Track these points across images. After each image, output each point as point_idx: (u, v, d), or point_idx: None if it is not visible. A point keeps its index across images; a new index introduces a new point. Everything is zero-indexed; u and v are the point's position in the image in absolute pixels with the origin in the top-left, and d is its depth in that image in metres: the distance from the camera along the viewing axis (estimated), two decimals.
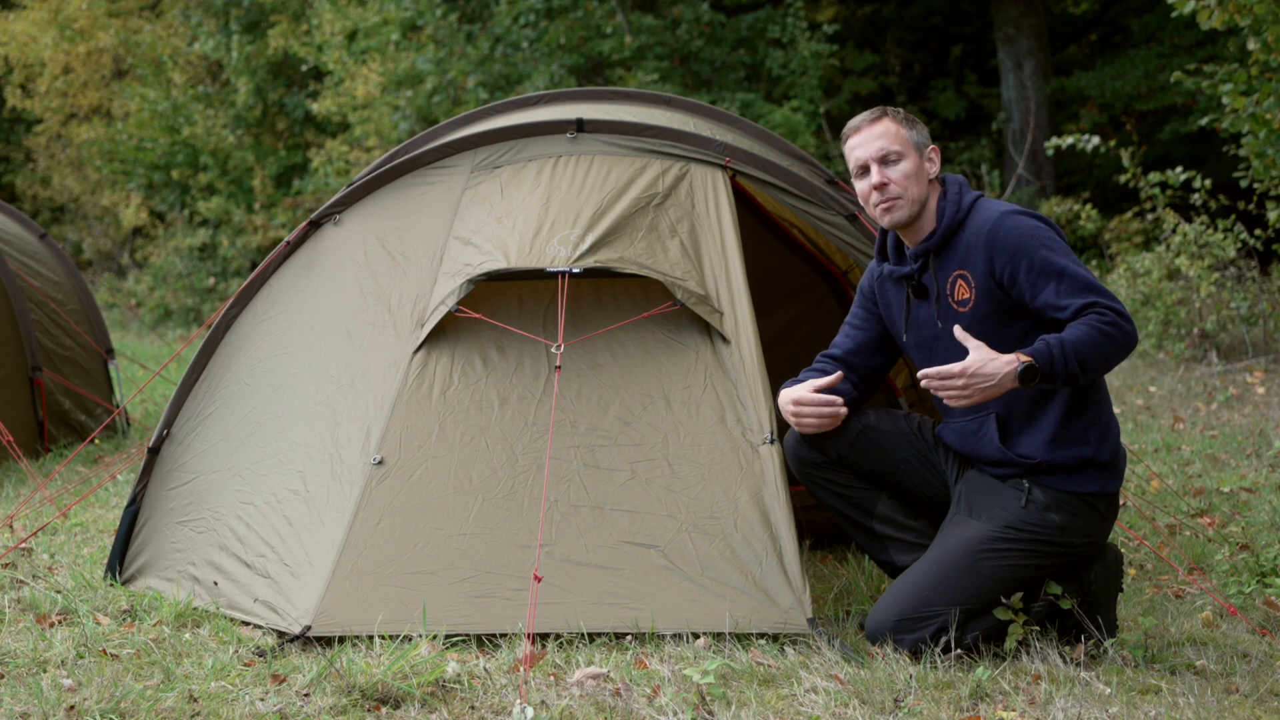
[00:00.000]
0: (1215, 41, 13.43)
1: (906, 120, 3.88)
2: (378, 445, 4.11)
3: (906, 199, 3.82)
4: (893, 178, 3.81)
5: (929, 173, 3.86)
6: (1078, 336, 3.60)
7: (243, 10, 17.72)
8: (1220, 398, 8.55)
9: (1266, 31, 7.66)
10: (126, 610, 4.20)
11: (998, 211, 3.75)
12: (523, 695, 3.33)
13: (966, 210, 3.81)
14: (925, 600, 3.71)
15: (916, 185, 3.83)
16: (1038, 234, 3.70)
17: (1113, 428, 3.80)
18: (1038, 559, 3.73)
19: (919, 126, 3.89)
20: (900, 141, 3.83)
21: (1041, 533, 3.71)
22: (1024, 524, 3.72)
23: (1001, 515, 3.74)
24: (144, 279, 17.90)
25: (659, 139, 4.56)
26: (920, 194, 3.84)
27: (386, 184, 4.69)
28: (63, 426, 7.57)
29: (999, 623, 3.72)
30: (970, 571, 3.70)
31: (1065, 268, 3.66)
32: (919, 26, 17.13)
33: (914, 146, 3.85)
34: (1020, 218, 3.73)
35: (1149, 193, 10.12)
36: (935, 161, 3.87)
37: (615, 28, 14.31)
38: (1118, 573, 3.86)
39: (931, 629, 3.69)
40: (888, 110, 3.88)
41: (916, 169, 3.83)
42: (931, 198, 3.86)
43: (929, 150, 3.87)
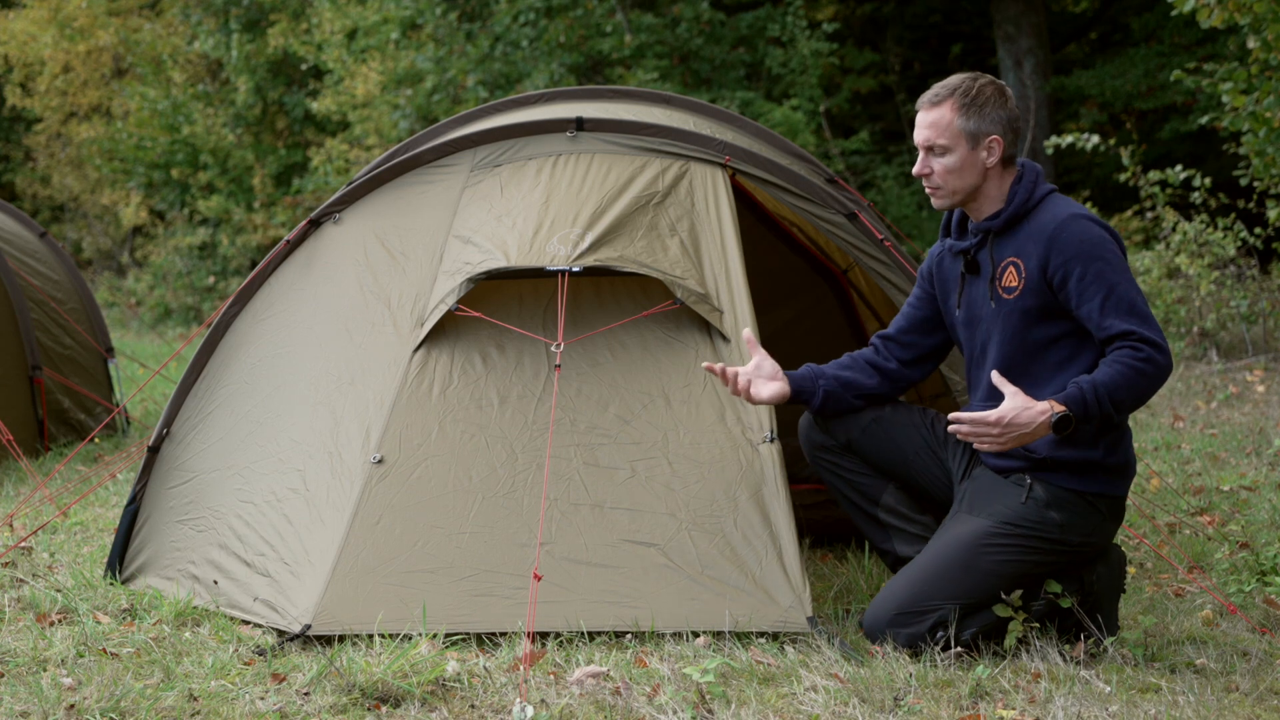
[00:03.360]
0: (1215, 40, 13.42)
1: (971, 105, 3.76)
2: (378, 444, 4.11)
3: (946, 190, 3.81)
4: (935, 168, 3.80)
5: (984, 162, 3.78)
6: (1111, 377, 3.58)
7: (242, 9, 17.71)
8: (1220, 396, 8.55)
9: (1266, 30, 7.66)
10: (126, 609, 4.20)
11: (1068, 212, 3.72)
12: (522, 694, 3.33)
13: (1038, 201, 3.78)
14: (922, 595, 3.71)
15: (960, 178, 3.79)
16: (1100, 244, 3.67)
17: (1126, 434, 3.78)
18: (1036, 555, 3.72)
19: (988, 111, 3.77)
20: (950, 134, 3.76)
21: (1040, 529, 3.71)
22: (1023, 520, 3.72)
23: (1001, 511, 3.74)
24: (144, 278, 17.90)
25: (659, 138, 4.56)
26: (966, 185, 3.80)
27: (386, 182, 4.69)
28: (62, 425, 7.57)
29: (997, 619, 3.72)
30: (968, 567, 3.70)
31: (1116, 285, 3.63)
32: (919, 25, 17.12)
33: (967, 137, 3.76)
34: (1088, 224, 3.69)
35: (1149, 191, 10.12)
36: (995, 152, 3.77)
37: (615, 26, 14.31)
38: (1120, 573, 3.86)
39: (929, 624, 3.69)
40: (956, 92, 3.78)
41: (962, 163, 3.77)
42: (992, 182, 3.80)
43: (988, 140, 3.76)
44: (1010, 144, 3.80)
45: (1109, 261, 3.66)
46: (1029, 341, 3.77)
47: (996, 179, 3.81)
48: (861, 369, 4.03)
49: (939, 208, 3.90)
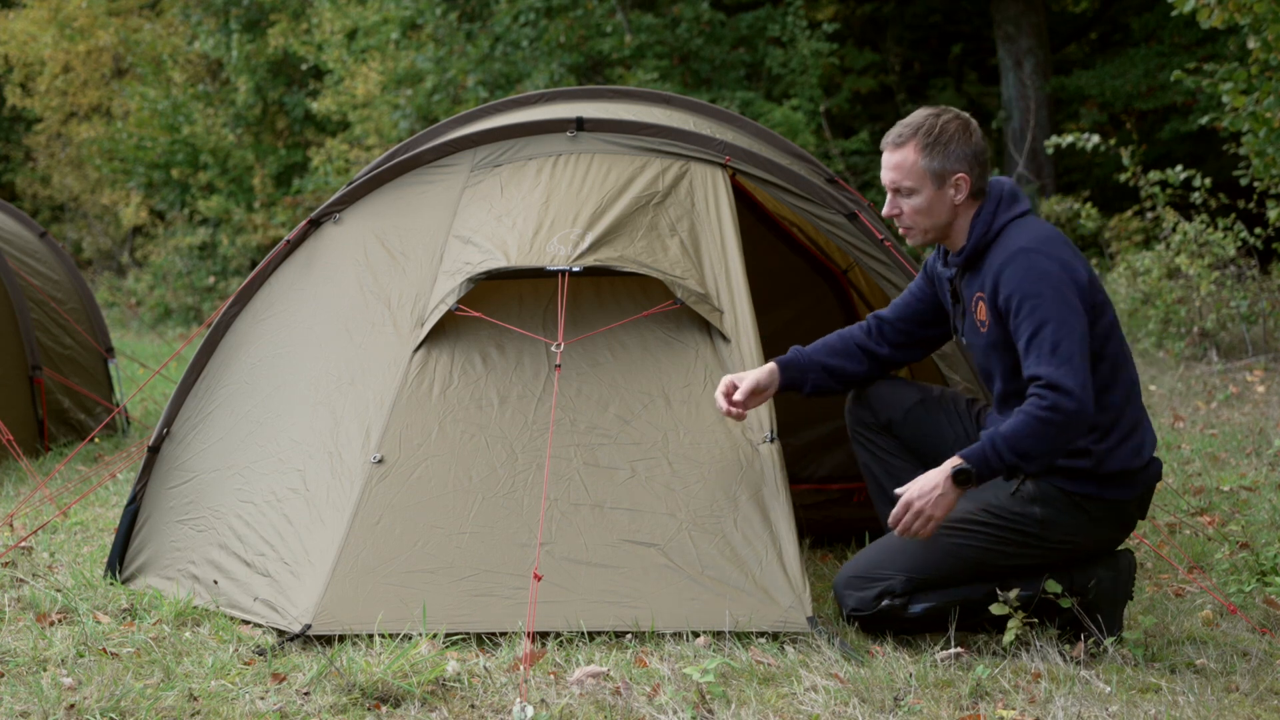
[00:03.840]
0: (1215, 40, 13.42)
1: (934, 145, 3.74)
2: (378, 444, 4.11)
3: (918, 229, 3.81)
4: (904, 209, 3.80)
5: (952, 200, 3.77)
6: (1014, 427, 3.58)
7: (242, 9, 17.71)
8: (1220, 396, 8.55)
9: (1266, 30, 7.65)
10: (126, 609, 4.19)
11: (1018, 245, 3.68)
12: (523, 694, 3.33)
13: (996, 233, 3.76)
14: (876, 563, 3.78)
15: (929, 218, 3.79)
16: (1040, 280, 3.62)
17: (1126, 446, 3.73)
18: (1008, 547, 3.73)
19: (952, 149, 3.74)
20: (915, 176, 3.76)
21: (1017, 522, 3.72)
22: (1002, 509, 3.73)
23: (987, 499, 3.76)
24: (144, 278, 17.89)
25: (659, 138, 4.56)
26: (936, 224, 3.80)
27: (386, 182, 4.69)
28: (62, 425, 7.57)
29: (953, 601, 3.75)
30: (930, 544, 3.73)
31: (1044, 323, 3.59)
32: (919, 25, 17.12)
33: (933, 177, 3.75)
34: (1035, 257, 3.64)
35: (1149, 191, 10.12)
36: (963, 189, 3.76)
37: (615, 26, 14.31)
38: (1127, 579, 3.84)
39: (875, 591, 3.75)
40: (919, 131, 3.76)
41: (930, 203, 3.77)
42: (962, 217, 3.79)
43: (954, 179, 3.75)
44: (978, 178, 3.78)
45: (1044, 298, 3.60)
46: (1017, 377, 3.76)
47: (966, 213, 3.80)
48: (852, 355, 4.04)
49: (914, 245, 3.91)
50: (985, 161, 3.81)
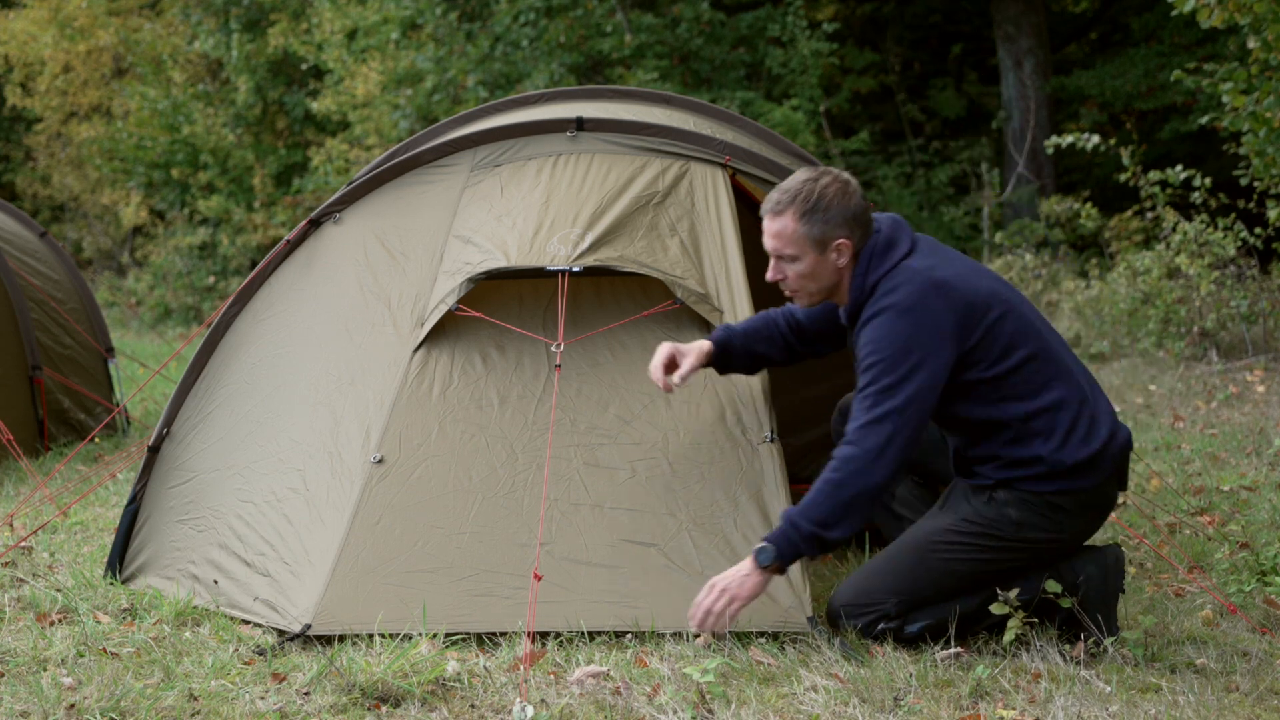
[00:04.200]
0: (1215, 40, 13.42)
1: (812, 212, 3.67)
2: (378, 444, 4.11)
3: (804, 292, 3.78)
4: (788, 274, 3.76)
5: (835, 264, 3.72)
6: (809, 497, 3.60)
7: (242, 9, 17.71)
8: (1220, 396, 8.55)
9: (1266, 30, 7.65)
10: (126, 609, 4.19)
11: (876, 307, 3.64)
12: (523, 694, 3.33)
13: (869, 292, 3.71)
14: (866, 590, 3.78)
15: (814, 281, 3.75)
16: (884, 340, 3.60)
17: (1073, 438, 3.70)
18: (991, 554, 3.74)
19: (831, 214, 3.67)
20: (796, 243, 3.70)
21: (995, 527, 3.73)
22: (980, 518, 3.73)
23: (963, 509, 3.77)
24: (144, 277, 17.89)
25: (659, 137, 4.56)
26: (822, 286, 3.77)
27: (386, 182, 4.69)
28: (62, 425, 7.57)
29: (945, 616, 3.75)
30: (916, 564, 3.75)
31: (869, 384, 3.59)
32: (919, 25, 17.12)
33: (813, 244, 3.69)
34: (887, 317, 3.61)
35: (1149, 191, 10.12)
36: (845, 253, 3.70)
37: (615, 26, 14.31)
38: (1117, 574, 3.84)
39: (869, 619, 3.76)
40: (797, 199, 3.69)
41: (813, 268, 3.72)
42: (848, 276, 3.75)
43: (835, 244, 3.69)
44: (860, 239, 3.72)
45: (884, 361, 3.58)
46: (953, 420, 3.78)
47: (850, 273, 3.76)
48: (775, 344, 4.04)
49: (803, 306, 3.88)
50: (867, 220, 3.73)
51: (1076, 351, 10.68)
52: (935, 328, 3.60)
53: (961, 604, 3.77)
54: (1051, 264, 12.67)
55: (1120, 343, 10.65)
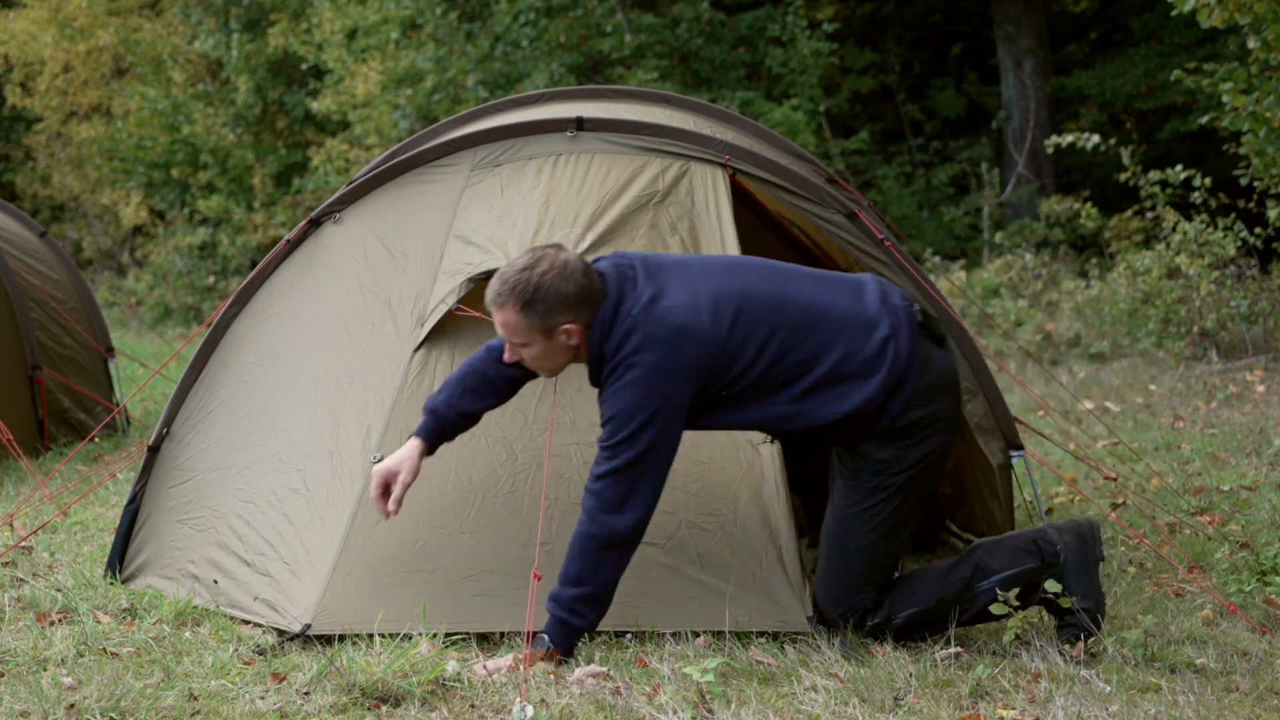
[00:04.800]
0: (1215, 40, 13.41)
1: (531, 304, 3.58)
2: (378, 443, 4.11)
3: (544, 369, 3.74)
4: (524, 356, 3.70)
5: (567, 344, 3.65)
6: (564, 567, 3.61)
7: (242, 9, 17.71)
8: (1220, 396, 8.55)
9: (1266, 30, 7.65)
10: (126, 609, 4.19)
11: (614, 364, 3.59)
12: (522, 693, 3.33)
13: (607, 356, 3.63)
14: (835, 597, 3.80)
15: (550, 360, 3.69)
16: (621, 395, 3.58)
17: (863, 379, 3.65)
18: (900, 494, 3.75)
19: (551, 302, 3.57)
20: (522, 332, 3.63)
21: (880, 474, 3.74)
22: (862, 475, 3.76)
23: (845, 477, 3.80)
24: (144, 277, 17.89)
25: (659, 137, 4.56)
26: (561, 363, 3.72)
27: (387, 182, 4.69)
28: (62, 425, 7.57)
29: (929, 602, 3.78)
30: (853, 550, 3.77)
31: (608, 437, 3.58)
32: (919, 25, 17.12)
33: (539, 331, 3.62)
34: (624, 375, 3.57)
35: (1149, 191, 10.12)
36: (574, 335, 3.62)
37: (615, 26, 14.30)
38: (1094, 542, 3.85)
39: (855, 617, 3.79)
40: (514, 292, 3.59)
41: (545, 352, 3.66)
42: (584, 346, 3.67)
43: (561, 330, 3.61)
44: (589, 313, 3.62)
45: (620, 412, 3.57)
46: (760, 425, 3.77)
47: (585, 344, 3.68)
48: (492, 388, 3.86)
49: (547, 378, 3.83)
50: (593, 294, 3.62)
51: (1076, 352, 10.70)
52: (668, 377, 3.58)
53: (939, 591, 3.79)
54: (1051, 264, 12.66)
55: (1120, 343, 10.65)
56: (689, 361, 3.59)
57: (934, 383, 3.74)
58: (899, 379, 3.67)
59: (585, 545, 3.58)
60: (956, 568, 3.83)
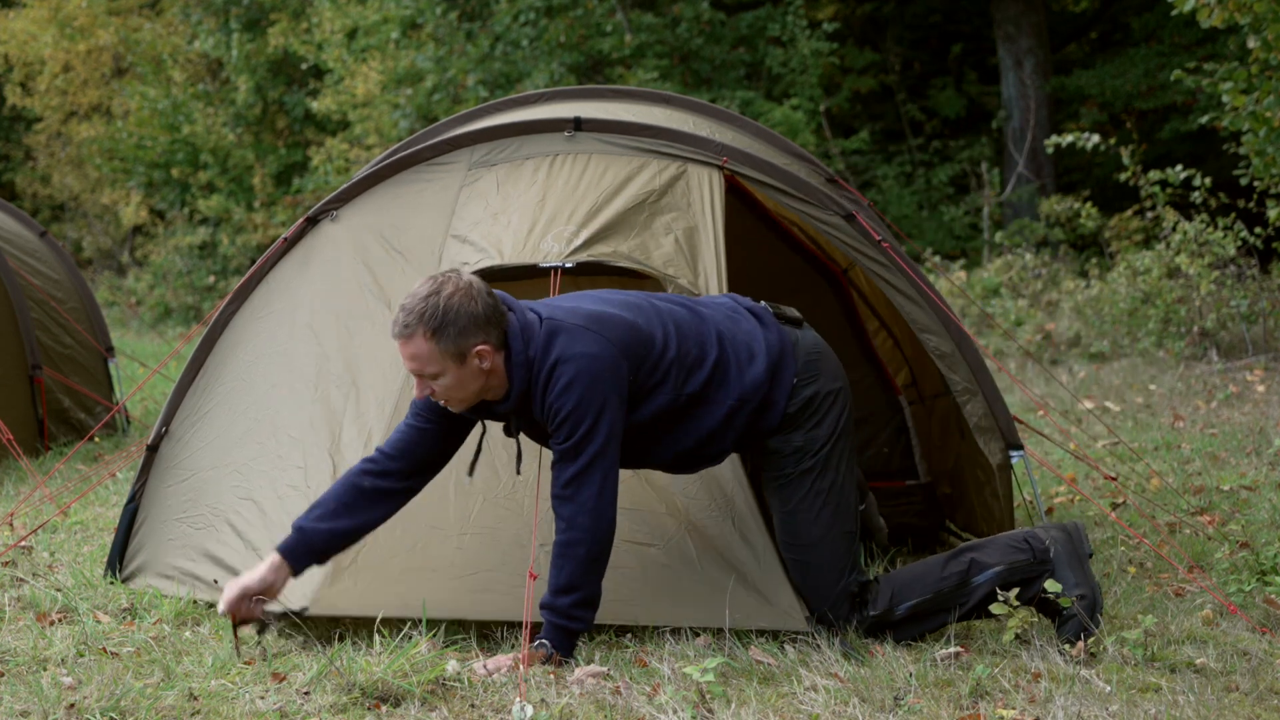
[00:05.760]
0: (1215, 40, 13.41)
1: (441, 329, 3.50)
2: (379, 442, 4.11)
3: (456, 400, 3.64)
4: (436, 389, 3.62)
5: (480, 368, 3.57)
6: (552, 577, 3.59)
7: (243, 8, 17.71)
8: (1220, 396, 8.55)
9: (1266, 29, 7.65)
10: (126, 608, 4.19)
11: (549, 371, 3.57)
12: (522, 693, 3.33)
13: (534, 357, 3.60)
14: (817, 593, 3.81)
15: (463, 390, 3.60)
16: (567, 395, 3.56)
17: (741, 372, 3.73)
18: (830, 470, 3.80)
19: (461, 324, 3.51)
20: (433, 360, 3.54)
21: (801, 458, 3.78)
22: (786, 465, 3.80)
23: (770, 472, 3.83)
24: (144, 277, 17.89)
25: (656, 138, 4.56)
26: (474, 391, 3.62)
27: (384, 180, 4.69)
28: (62, 424, 7.57)
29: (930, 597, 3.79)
30: (812, 540, 3.79)
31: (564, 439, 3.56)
32: (919, 24, 17.12)
33: (453, 358, 3.53)
34: (563, 377, 3.55)
35: (1149, 191, 10.12)
36: (487, 356, 3.55)
37: (615, 26, 14.30)
38: (1080, 539, 3.90)
39: (844, 607, 3.80)
40: (423, 319, 3.52)
41: (459, 379, 3.57)
42: (495, 374, 3.61)
43: (475, 351, 3.54)
44: (499, 334, 3.58)
45: (570, 411, 3.55)
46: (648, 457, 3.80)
47: (499, 366, 3.62)
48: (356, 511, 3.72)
49: (457, 411, 3.70)
50: (499, 313, 3.58)
51: (1076, 352, 10.69)
52: (605, 364, 3.59)
53: (937, 585, 3.80)
54: (1051, 264, 12.66)
55: (1120, 342, 10.65)
56: (618, 341, 3.62)
57: (810, 359, 3.84)
58: (777, 360, 3.78)
59: (573, 554, 3.56)
60: (951, 562, 3.86)
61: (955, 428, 5.06)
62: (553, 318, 3.64)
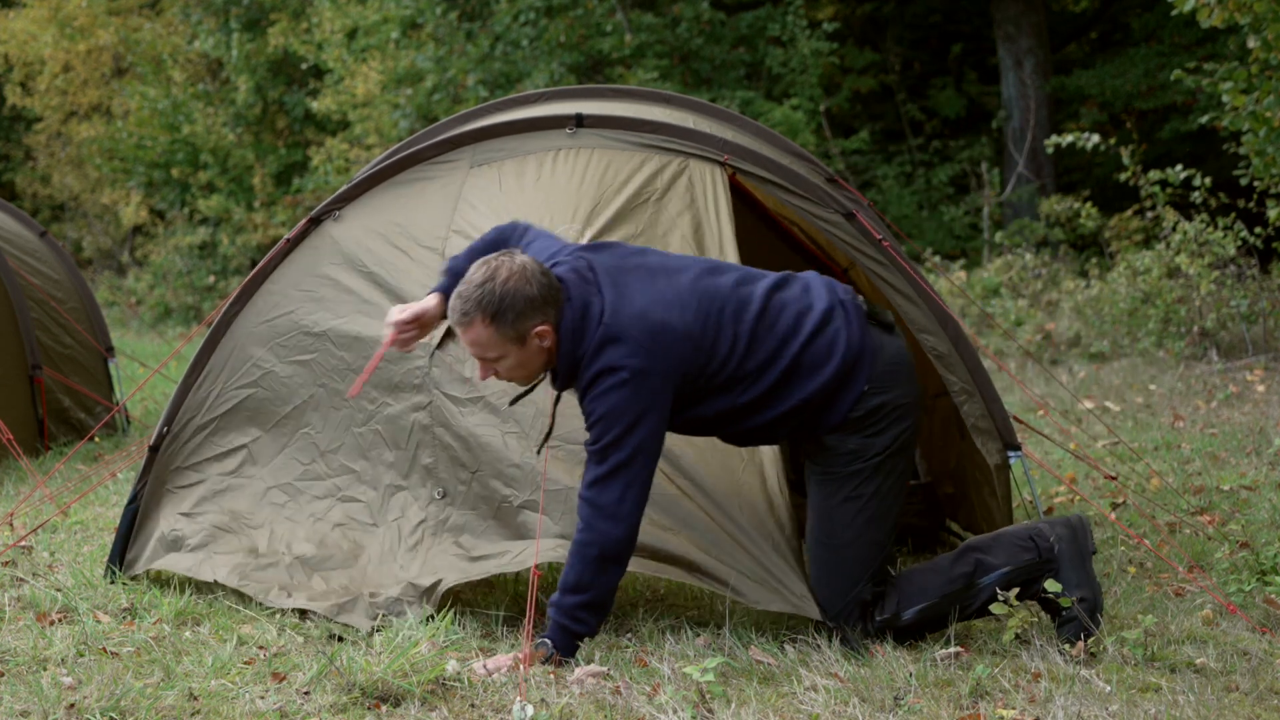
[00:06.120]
0: (1215, 39, 13.41)
1: (500, 315, 3.53)
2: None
3: (521, 378, 3.70)
4: (500, 371, 3.66)
5: (541, 347, 3.60)
6: (564, 576, 3.59)
7: (243, 8, 17.71)
8: (1220, 396, 8.55)
9: (1266, 29, 7.65)
10: (126, 608, 4.19)
11: (595, 371, 3.57)
12: (522, 693, 3.33)
13: (581, 358, 3.61)
14: (831, 594, 3.78)
15: (527, 369, 3.65)
16: (605, 399, 3.55)
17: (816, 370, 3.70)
18: (874, 480, 3.76)
19: (519, 307, 3.53)
20: (494, 345, 3.58)
21: (852, 463, 3.75)
22: (834, 466, 3.77)
23: (816, 472, 3.81)
24: (144, 277, 17.89)
25: (658, 134, 4.56)
26: (538, 368, 3.66)
27: (386, 179, 4.68)
28: (62, 424, 7.57)
29: (935, 601, 3.77)
30: (840, 544, 3.77)
31: (595, 440, 3.56)
32: (919, 24, 17.12)
33: (513, 340, 3.57)
34: (606, 381, 3.55)
35: (1149, 191, 10.12)
36: (547, 336, 3.58)
37: (615, 26, 14.30)
38: (1085, 534, 3.88)
39: (855, 613, 3.77)
40: (480, 306, 3.54)
41: (521, 359, 3.61)
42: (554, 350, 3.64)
43: (534, 333, 3.57)
44: (556, 313, 3.60)
45: (606, 415, 3.55)
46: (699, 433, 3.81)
47: (556, 348, 3.64)
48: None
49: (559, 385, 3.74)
50: (555, 292, 3.60)
51: (1076, 352, 10.69)
52: (652, 378, 3.57)
53: (945, 586, 3.79)
54: (1051, 264, 12.66)
55: (1120, 342, 10.65)
56: (671, 360, 3.59)
57: (889, 368, 3.78)
58: (852, 365, 3.72)
59: (584, 554, 3.57)
60: (957, 564, 3.84)
61: (956, 428, 5.06)
62: (613, 323, 3.58)
